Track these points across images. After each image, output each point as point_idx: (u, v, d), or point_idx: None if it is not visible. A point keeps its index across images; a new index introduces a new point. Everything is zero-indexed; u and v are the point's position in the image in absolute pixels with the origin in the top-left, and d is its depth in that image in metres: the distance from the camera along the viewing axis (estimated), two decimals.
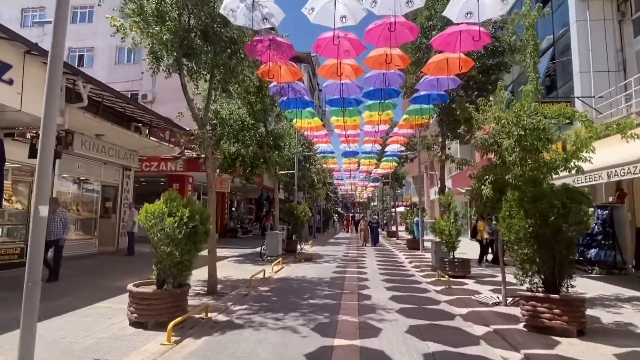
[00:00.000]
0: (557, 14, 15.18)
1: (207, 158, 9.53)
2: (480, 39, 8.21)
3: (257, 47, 8.87)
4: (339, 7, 7.48)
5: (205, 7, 10.02)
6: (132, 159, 16.41)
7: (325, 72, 9.90)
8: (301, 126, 15.52)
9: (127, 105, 13.10)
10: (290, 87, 11.12)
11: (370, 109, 13.56)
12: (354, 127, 16.41)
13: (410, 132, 17.73)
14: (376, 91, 11.81)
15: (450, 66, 9.52)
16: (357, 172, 38.92)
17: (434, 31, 14.95)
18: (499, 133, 9.41)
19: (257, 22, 7.84)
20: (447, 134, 16.19)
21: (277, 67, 9.81)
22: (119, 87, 30.10)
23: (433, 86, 11.05)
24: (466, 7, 7.39)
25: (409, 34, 8.45)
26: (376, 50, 9.47)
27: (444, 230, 11.99)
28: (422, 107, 13.20)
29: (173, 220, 6.48)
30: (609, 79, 13.13)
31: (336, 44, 7.95)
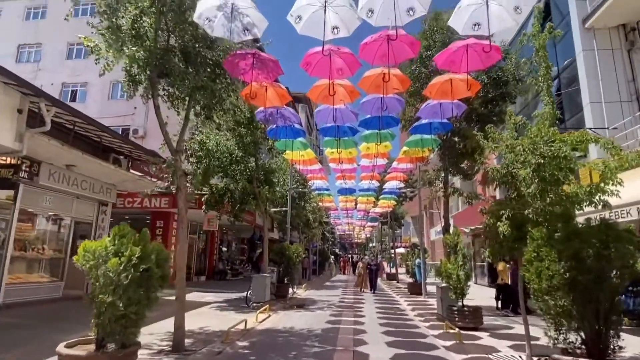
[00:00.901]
0: (561, 45, 14.60)
1: (180, 189, 8.30)
2: (490, 55, 7.28)
3: (239, 65, 7.91)
4: (329, 16, 6.57)
5: (189, 27, 9.22)
6: (109, 194, 15.15)
7: (317, 94, 8.93)
8: (293, 159, 14.42)
9: (103, 133, 12.04)
10: (279, 113, 10.12)
11: (367, 140, 12.54)
12: (350, 161, 15.36)
13: (410, 167, 16.67)
14: (373, 119, 10.82)
15: (455, 89, 8.57)
16: (354, 211, 37.60)
17: (432, 61, 14.29)
18: (513, 162, 8.32)
19: (237, 33, 6.92)
20: (449, 168, 15.13)
21: (263, 88, 8.84)
22: (111, 122, 29.31)
23: (436, 113, 10.07)
24: (474, 17, 6.49)
25: (409, 50, 7.53)
26: (372, 71, 8.55)
27: (451, 274, 10.57)
28: (423, 138, 12.18)
29: (118, 261, 5.16)
30: (622, 110, 12.27)
31: (326, 55, 6.97)
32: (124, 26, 8.77)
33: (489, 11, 6.22)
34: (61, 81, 30.22)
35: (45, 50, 30.76)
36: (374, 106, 9.96)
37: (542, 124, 7.80)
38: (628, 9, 12.09)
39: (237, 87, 10.71)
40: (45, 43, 31.01)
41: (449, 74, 8.34)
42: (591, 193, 7.57)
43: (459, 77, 8.30)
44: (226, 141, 15.01)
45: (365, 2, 6.31)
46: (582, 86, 12.90)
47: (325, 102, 9.22)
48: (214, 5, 6.37)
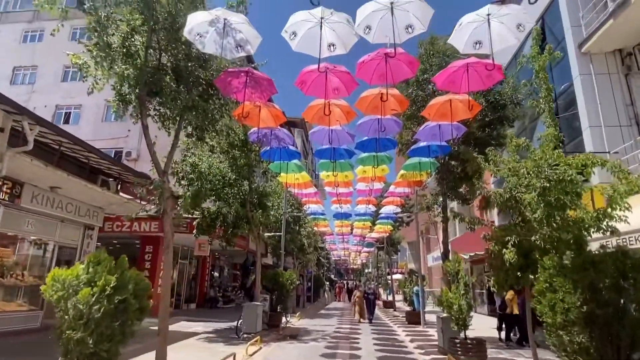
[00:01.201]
0: (557, 69, 14.59)
1: (166, 213, 7.84)
2: (492, 74, 7.05)
3: (231, 83, 7.62)
4: (325, 33, 6.33)
5: (182, 46, 9.01)
6: (95, 217, 14.58)
7: (312, 115, 8.63)
8: (287, 182, 14.04)
9: (90, 154, 11.63)
10: (273, 134, 9.79)
11: (364, 163, 12.22)
12: (346, 184, 15.00)
13: (407, 192, 16.32)
14: (370, 141, 10.53)
15: (454, 110, 8.31)
16: (350, 236, 36.98)
17: (429, 84, 14.21)
18: (516, 186, 7.98)
19: (229, 50, 6.65)
20: (448, 192, 14.78)
21: (256, 108, 8.54)
22: (104, 144, 28.93)
23: (434, 135, 9.79)
24: (475, 35, 6.27)
25: (407, 70, 7.30)
26: (370, 91, 8.30)
27: (452, 303, 10.03)
28: (421, 161, 11.87)
29: (90, 291, 4.65)
30: (622, 134, 12.08)
31: (322, 72, 6.69)
32: (115, 44, 8.54)
33: (490, 29, 5.99)
34: (55, 103, 30.01)
35: (40, 73, 30.68)
36: (371, 127, 9.68)
37: (546, 146, 7.52)
38: (623, 35, 12.10)
39: (230, 107, 10.44)
40: (40, 65, 30.97)
41: (448, 95, 8.10)
42: (599, 219, 7.21)
43: (458, 98, 8.05)
44: (219, 163, 14.64)
45: (362, 19, 6.08)
46: (580, 110, 12.77)
47: (320, 123, 8.92)
48: (205, 21, 6.11)
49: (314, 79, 7.43)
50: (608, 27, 11.87)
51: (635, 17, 11.04)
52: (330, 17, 6.05)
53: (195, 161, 13.87)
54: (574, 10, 13.27)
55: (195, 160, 13.91)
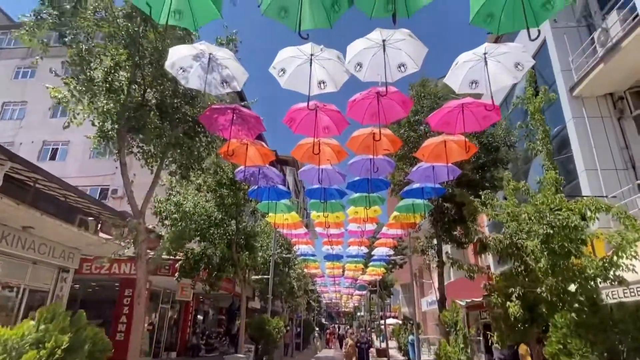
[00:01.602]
0: (549, 111, 14.63)
1: (140, 257, 7.21)
2: (489, 115, 6.78)
3: (218, 121, 7.26)
4: (315, 70, 6.06)
5: (168, 82, 8.76)
6: (71, 259, 13.69)
7: (302, 153, 8.25)
8: (276, 222, 13.45)
9: (67, 192, 11.04)
10: (261, 173, 9.36)
11: (355, 204, 11.76)
12: (337, 225, 14.44)
13: (400, 234, 15.77)
14: (362, 182, 10.13)
15: (449, 151, 7.99)
16: (342, 279, 35.81)
17: (421, 125, 14.08)
18: (517, 232, 7.53)
19: (214, 86, 6.32)
20: (442, 235, 14.26)
21: (243, 146, 8.15)
22: (91, 181, 28.24)
23: (428, 177, 9.43)
24: (471, 74, 6.04)
25: (400, 109, 7.02)
26: (361, 131, 7.99)
27: (451, 357, 9.27)
28: (414, 203, 11.45)
29: (36, 355, 3.97)
30: (618, 178, 11.85)
31: (311, 110, 6.36)
32: (97, 78, 8.24)
33: (487, 68, 5.76)
34: (42, 139, 29.55)
35: (29, 109, 30.43)
36: (363, 167, 9.31)
37: (547, 190, 7.16)
38: (613, 80, 12.19)
39: (217, 145, 10.06)
40: (30, 101, 30.77)
41: (443, 135, 7.81)
42: (605, 268, 6.75)
43: (453, 139, 7.76)
44: (205, 202, 14.08)
45: (353, 56, 5.83)
46: (575, 153, 12.62)
47: (310, 162, 8.53)
48: (189, 55, 5.81)
49: (303, 117, 7.11)
50: (598, 72, 11.94)
51: (625, 62, 11.12)
52: (320, 53, 5.80)
53: (180, 200, 13.31)
54: (563, 54, 13.45)
55: (180, 199, 13.36)
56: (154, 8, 4.77)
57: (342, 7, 4.80)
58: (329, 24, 4.91)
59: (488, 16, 4.89)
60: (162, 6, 4.83)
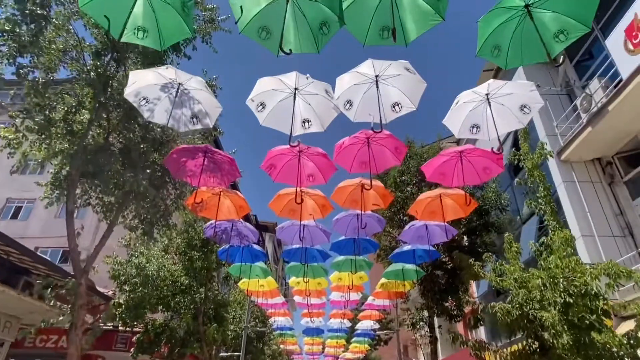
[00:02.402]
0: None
1: (75, 327, 5.80)
2: (490, 167, 6.11)
3: (185, 165, 6.36)
4: (299, 106, 5.37)
5: (136, 126, 7.96)
6: (7, 329, 11.70)
7: (282, 206, 7.30)
8: (250, 289, 11.98)
9: (8, 248, 9.58)
10: (234, 229, 8.28)
11: (340, 268, 10.58)
12: (319, 294, 13.02)
13: (387, 305, 14.35)
14: (347, 242, 9.12)
15: (446, 207, 7.20)
16: (321, 356, 32.81)
17: (408, 186, 13.48)
18: (527, 301, 6.51)
19: (184, 122, 5.52)
20: (434, 306, 12.98)
21: (215, 197, 7.18)
22: (53, 243, 26.10)
23: (421, 237, 8.52)
24: (473, 117, 5.45)
25: (392, 158, 6.32)
26: (349, 181, 7.18)
27: None
28: (404, 268, 10.37)
29: None
30: (617, 245, 11.18)
31: (294, 154, 5.56)
32: (57, 118, 7.38)
33: (490, 111, 5.18)
34: (6, 196, 27.75)
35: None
36: (350, 225, 8.36)
37: (562, 250, 6.29)
38: (600, 145, 12.05)
39: (187, 197, 9.07)
40: None
41: (438, 189, 7.06)
42: (632, 345, 5.74)
43: (450, 193, 7.00)
44: (171, 265, 12.60)
45: (343, 92, 5.20)
46: (569, 219, 12.03)
47: (291, 217, 7.54)
48: (156, 84, 5.05)
49: (285, 163, 6.29)
50: (585, 137, 11.80)
51: (610, 127, 11.03)
52: (305, 86, 5.14)
53: (143, 262, 11.84)
54: (547, 119, 13.47)
55: (143, 261, 11.89)
56: (114, 22, 4.07)
57: (332, 30, 4.22)
58: (317, 49, 4.30)
59: (495, 48, 4.38)
60: (123, 21, 4.13)
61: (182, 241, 13.57)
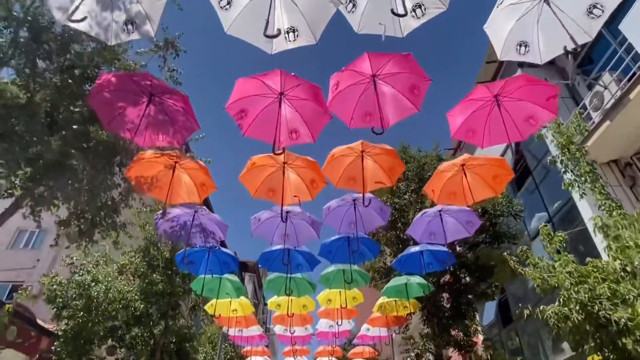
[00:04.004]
0: (544, 186, 12.99)
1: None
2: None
3: (124, 113, 4.61)
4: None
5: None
6: None
7: (256, 183, 5.51)
8: (219, 315, 9.70)
9: None
10: (197, 223, 6.36)
11: (330, 283, 8.58)
12: (304, 322, 10.83)
13: (385, 335, 12.14)
14: (341, 244, 7.26)
15: (473, 186, 5.55)
16: None
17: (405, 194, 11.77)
18: (593, 300, 4.75)
19: (114, 32, 3.84)
20: (440, 335, 10.90)
21: (168, 169, 5.37)
22: (4, 276, 23.18)
23: (433, 234, 6.76)
24: (521, 31, 3.97)
25: (407, 103, 4.72)
26: (344, 150, 5.49)
27: None
28: (408, 282, 8.48)
29: None
30: None
31: (275, 98, 3.93)
32: None
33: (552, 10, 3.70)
34: None
35: None
36: (345, 217, 6.58)
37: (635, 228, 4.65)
38: (617, 143, 10.78)
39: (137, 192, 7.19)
40: None
41: (462, 157, 5.42)
42: None
43: (478, 164, 5.39)
44: (124, 286, 10.31)
45: None
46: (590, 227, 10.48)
47: (270, 198, 5.71)
48: None
49: (261, 109, 4.61)
50: (601, 134, 10.53)
51: (629, 121, 9.82)
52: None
53: (87, 281, 9.56)
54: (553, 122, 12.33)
55: (87, 279, 9.61)
56: None
57: None
58: None
59: None
60: None
61: (141, 261, 11.39)
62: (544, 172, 13.53)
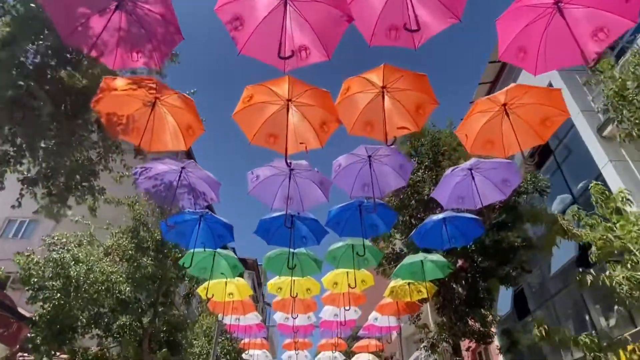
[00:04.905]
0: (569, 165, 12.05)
1: None
2: (611, 23, 3.64)
3: (87, 23, 3.65)
4: None
5: None
6: None
7: (254, 126, 4.55)
8: (213, 299, 8.72)
9: None
10: (185, 181, 5.38)
11: (337, 262, 7.59)
12: (307, 309, 9.84)
13: (394, 326, 11.15)
14: (352, 214, 6.28)
15: (519, 129, 4.57)
16: None
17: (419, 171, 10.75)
18: None
19: None
20: (456, 324, 9.91)
21: (144, 101, 4.41)
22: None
23: (461, 198, 5.78)
24: None
25: None
26: (361, 82, 4.52)
27: None
28: (426, 260, 7.50)
29: None
30: None
31: None
32: None
33: None
34: None
35: None
36: (359, 177, 5.60)
37: None
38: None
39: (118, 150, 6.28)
40: None
41: (504, 91, 4.44)
42: None
43: (528, 102, 4.41)
44: (108, 266, 9.32)
45: None
46: None
47: (270, 146, 4.72)
48: None
49: (263, 18, 3.65)
50: None
51: None
52: None
53: (66, 259, 8.57)
54: (580, 94, 11.36)
55: (67, 257, 8.62)
56: None
57: None
58: None
59: None
60: None
61: (130, 243, 10.41)
62: (566, 152, 12.60)
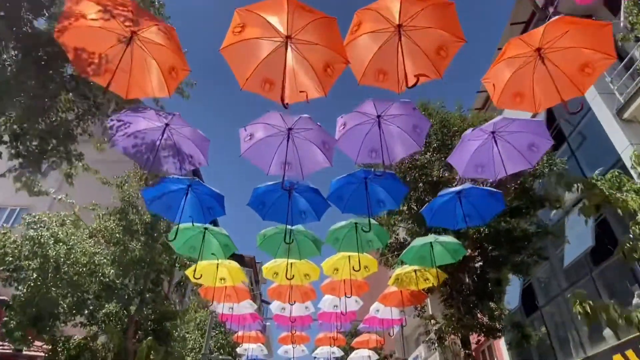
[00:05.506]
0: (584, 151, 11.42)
1: None
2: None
3: None
4: None
5: None
6: None
7: (248, 68, 3.89)
8: (203, 285, 8.06)
9: None
10: (168, 136, 4.72)
11: (339, 245, 6.93)
12: (305, 297, 9.18)
13: (398, 319, 10.47)
14: (358, 187, 5.62)
15: (557, 77, 3.90)
16: None
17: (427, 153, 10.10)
18: None
19: None
20: (464, 316, 9.26)
21: (119, 37, 3.76)
22: None
23: (480, 167, 5.11)
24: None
25: None
26: (376, 20, 3.87)
27: None
28: (436, 242, 6.85)
29: None
30: None
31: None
32: None
33: None
34: None
35: None
36: (366, 140, 4.94)
37: None
38: None
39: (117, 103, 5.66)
40: None
41: (544, 28, 3.79)
42: None
43: (567, 42, 3.75)
44: (91, 248, 8.65)
45: None
46: None
47: (265, 94, 4.07)
48: None
49: None
50: None
51: None
52: None
53: (45, 237, 7.88)
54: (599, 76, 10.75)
55: (46, 235, 7.94)
56: None
57: None
58: None
59: None
60: None
61: (117, 226, 9.75)
62: (580, 138, 11.95)
